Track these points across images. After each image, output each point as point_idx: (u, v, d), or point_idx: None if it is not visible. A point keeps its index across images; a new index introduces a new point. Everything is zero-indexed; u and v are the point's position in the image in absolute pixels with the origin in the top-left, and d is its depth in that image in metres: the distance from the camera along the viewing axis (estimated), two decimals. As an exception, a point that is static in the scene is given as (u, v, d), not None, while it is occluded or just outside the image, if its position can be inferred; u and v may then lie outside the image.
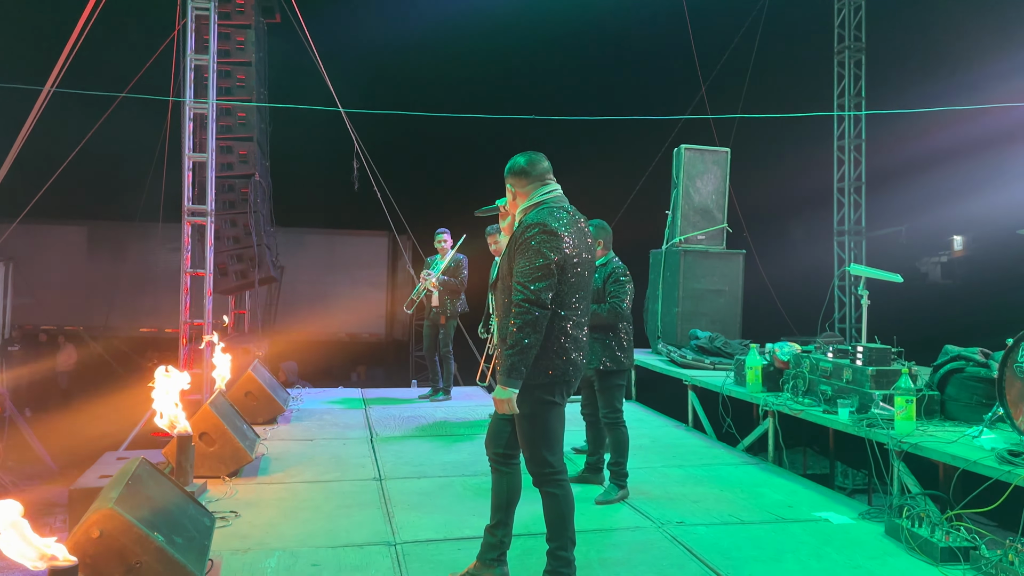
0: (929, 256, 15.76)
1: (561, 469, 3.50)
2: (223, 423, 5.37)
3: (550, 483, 3.48)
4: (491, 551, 3.63)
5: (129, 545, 3.17)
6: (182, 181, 10.24)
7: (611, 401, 5.11)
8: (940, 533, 4.03)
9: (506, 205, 3.67)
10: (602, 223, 5.29)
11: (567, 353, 3.44)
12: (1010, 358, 4.50)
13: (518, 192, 3.55)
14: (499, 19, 14.59)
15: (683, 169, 9.63)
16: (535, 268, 3.29)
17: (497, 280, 3.55)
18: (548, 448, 3.47)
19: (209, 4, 10.28)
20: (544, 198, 3.51)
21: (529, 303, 3.27)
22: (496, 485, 3.67)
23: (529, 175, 3.54)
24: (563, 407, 3.54)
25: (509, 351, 3.28)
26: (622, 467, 5.11)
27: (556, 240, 3.34)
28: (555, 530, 3.48)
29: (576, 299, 3.47)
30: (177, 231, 10.59)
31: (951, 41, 13.25)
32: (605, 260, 5.20)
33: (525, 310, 3.27)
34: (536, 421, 3.45)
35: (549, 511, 3.50)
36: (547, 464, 3.46)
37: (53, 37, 10.11)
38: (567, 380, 3.48)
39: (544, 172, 3.58)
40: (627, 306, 5.08)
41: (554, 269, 3.31)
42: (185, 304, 10.14)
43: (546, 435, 3.48)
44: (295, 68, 12.12)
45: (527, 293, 3.28)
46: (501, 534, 3.63)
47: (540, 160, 3.60)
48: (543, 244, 3.31)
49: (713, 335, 8.66)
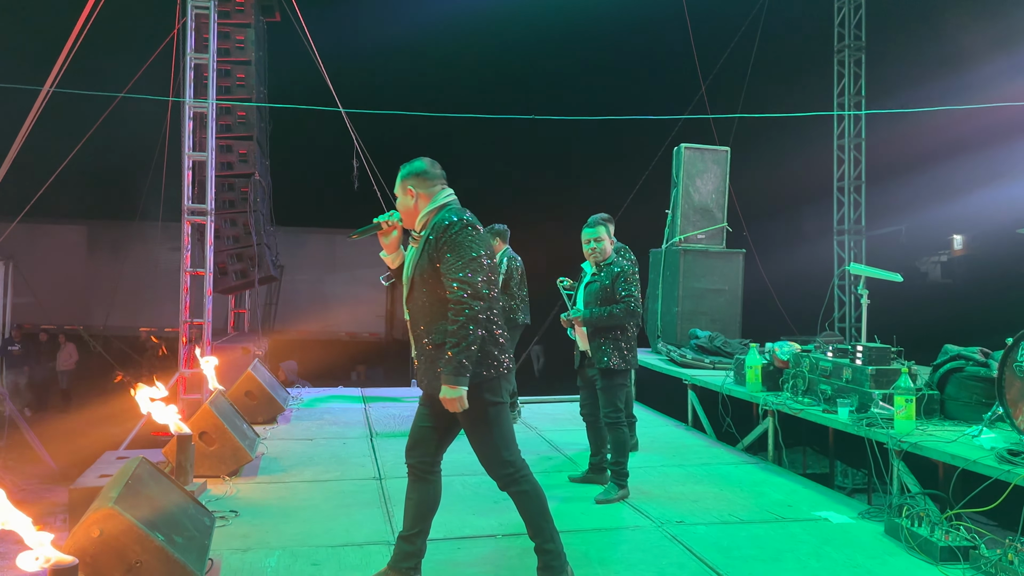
0: (929, 255, 15.77)
1: (522, 466, 3.48)
2: (223, 423, 5.37)
3: (516, 482, 3.46)
4: (408, 559, 3.57)
5: (129, 544, 3.18)
6: (182, 180, 10.24)
7: (613, 400, 5.10)
8: (940, 532, 4.03)
9: (389, 220, 3.55)
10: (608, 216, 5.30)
11: (503, 348, 3.45)
12: (1010, 357, 4.50)
13: (420, 194, 3.49)
14: (499, 19, 14.59)
15: (683, 168, 9.63)
16: (469, 261, 3.28)
17: (412, 289, 3.44)
18: (506, 448, 3.46)
19: (209, 3, 10.28)
20: (448, 200, 3.51)
21: (469, 297, 3.24)
22: (419, 494, 3.61)
23: (432, 176, 3.52)
24: (508, 405, 3.53)
25: (455, 348, 3.23)
26: (623, 466, 5.11)
27: (478, 233, 3.38)
28: (535, 526, 3.49)
29: (498, 297, 3.51)
30: (177, 230, 10.59)
31: (951, 40, 13.25)
32: (611, 260, 5.19)
33: (467, 305, 3.23)
34: (490, 424, 3.43)
35: (524, 510, 3.50)
36: (508, 465, 3.45)
37: (53, 37, 10.11)
38: (508, 377, 3.48)
39: (442, 176, 3.58)
40: (641, 305, 5.10)
41: (484, 262, 3.32)
42: (185, 303, 10.14)
43: (502, 436, 3.46)
44: (295, 67, 12.12)
45: (465, 286, 3.25)
46: (420, 543, 3.59)
47: (437, 164, 3.61)
48: (470, 237, 3.32)
49: (713, 334, 8.66)
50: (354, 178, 11.20)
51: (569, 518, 4.73)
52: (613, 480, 5.12)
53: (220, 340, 11.47)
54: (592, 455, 5.50)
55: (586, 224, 5.25)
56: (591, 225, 5.21)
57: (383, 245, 3.62)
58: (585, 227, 5.23)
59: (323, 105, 11.09)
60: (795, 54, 15.34)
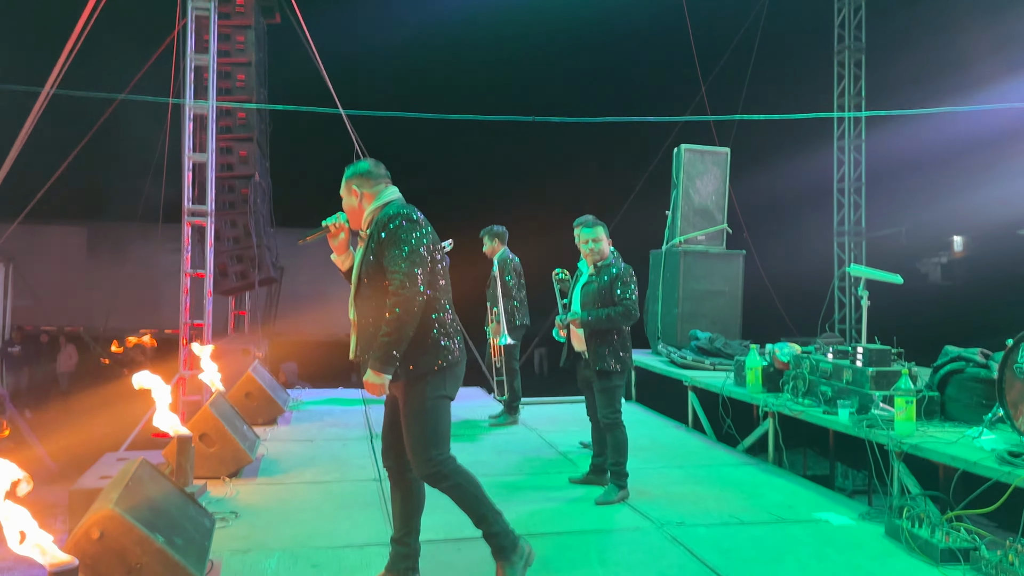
0: (929, 257, 15.78)
1: (447, 461, 3.45)
2: (223, 424, 5.37)
3: (445, 478, 3.44)
4: (404, 560, 3.58)
5: (129, 546, 3.18)
6: (182, 182, 10.24)
7: (611, 401, 5.11)
8: (940, 534, 4.03)
9: (336, 222, 3.60)
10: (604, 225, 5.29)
11: (452, 341, 3.46)
12: (1010, 359, 4.50)
13: (365, 194, 3.53)
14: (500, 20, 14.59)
15: (683, 169, 9.63)
16: (407, 255, 3.32)
17: (359, 286, 3.48)
18: (435, 446, 3.43)
19: (209, 4, 10.28)
20: (394, 197, 3.54)
21: (409, 289, 3.28)
22: (401, 495, 3.62)
23: (375, 176, 3.55)
24: (451, 400, 3.52)
25: (386, 338, 3.26)
26: (622, 467, 5.11)
27: (420, 228, 3.40)
28: (477, 515, 3.47)
29: (447, 288, 3.54)
30: (177, 232, 10.58)
31: (951, 41, 13.25)
32: (608, 261, 5.19)
33: (404, 297, 3.27)
34: (428, 418, 3.42)
35: (461, 502, 3.47)
36: (432, 463, 3.42)
37: (53, 37, 10.11)
38: (456, 372, 3.49)
39: (386, 176, 3.61)
40: (638, 307, 5.11)
41: (425, 255, 3.36)
42: (185, 305, 10.14)
43: (435, 432, 3.44)
44: (295, 69, 12.12)
45: (405, 279, 3.29)
46: (413, 542, 3.60)
47: (381, 164, 3.64)
48: (410, 232, 3.36)
49: (713, 336, 8.65)
50: (354, 179, 11.19)
51: (569, 519, 4.74)
52: (613, 481, 5.12)
53: (220, 341, 11.47)
54: (595, 455, 5.50)
55: (583, 224, 5.19)
56: (589, 225, 5.17)
57: (332, 247, 3.68)
58: (583, 227, 5.19)
59: (323, 106, 11.10)
60: (795, 55, 15.35)
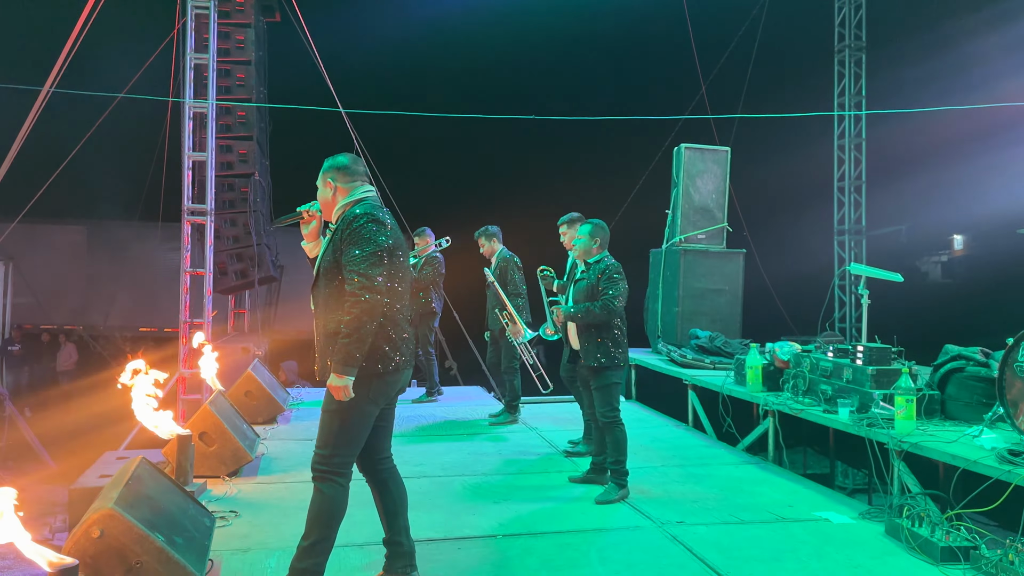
0: (929, 255, 15.77)
1: (341, 472, 3.40)
2: (223, 423, 5.37)
3: (326, 481, 3.39)
4: (400, 559, 3.58)
5: (129, 545, 3.18)
6: (182, 180, 10.23)
7: (607, 400, 5.09)
8: (940, 533, 4.03)
9: (310, 209, 3.64)
10: (601, 223, 5.30)
11: (396, 350, 3.41)
12: (1010, 358, 4.50)
13: (339, 187, 3.53)
14: (500, 19, 14.58)
15: (683, 168, 9.63)
16: (369, 255, 3.30)
17: (317, 278, 3.49)
18: (336, 446, 3.39)
19: (209, 3, 10.27)
20: (365, 195, 3.53)
21: (366, 289, 3.26)
22: (379, 495, 3.62)
23: (352, 171, 3.56)
24: (376, 409, 3.46)
25: (346, 339, 3.24)
26: (622, 466, 5.11)
27: (384, 229, 3.40)
28: (312, 533, 3.37)
29: (404, 291, 3.51)
30: (177, 230, 10.58)
31: (951, 40, 13.24)
32: (599, 258, 5.21)
33: (362, 298, 3.25)
34: (341, 416, 3.38)
35: (314, 507, 3.40)
36: (326, 463, 3.39)
37: (53, 37, 10.10)
38: (389, 381, 3.43)
39: (363, 173, 3.62)
40: (620, 303, 5.07)
41: (385, 256, 3.34)
42: (185, 303, 10.13)
43: (344, 433, 3.39)
44: (295, 67, 12.12)
45: (363, 280, 3.27)
46: (404, 540, 3.60)
47: (360, 161, 3.65)
48: (374, 232, 3.34)
49: (713, 334, 8.65)
50: (354, 178, 11.19)
51: (570, 518, 4.74)
52: (613, 480, 5.12)
53: (220, 340, 11.47)
54: (595, 454, 5.50)
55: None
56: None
57: (303, 234, 3.72)
58: (581, 226, 5.32)
59: (323, 105, 11.09)
60: (795, 54, 15.33)
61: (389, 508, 3.60)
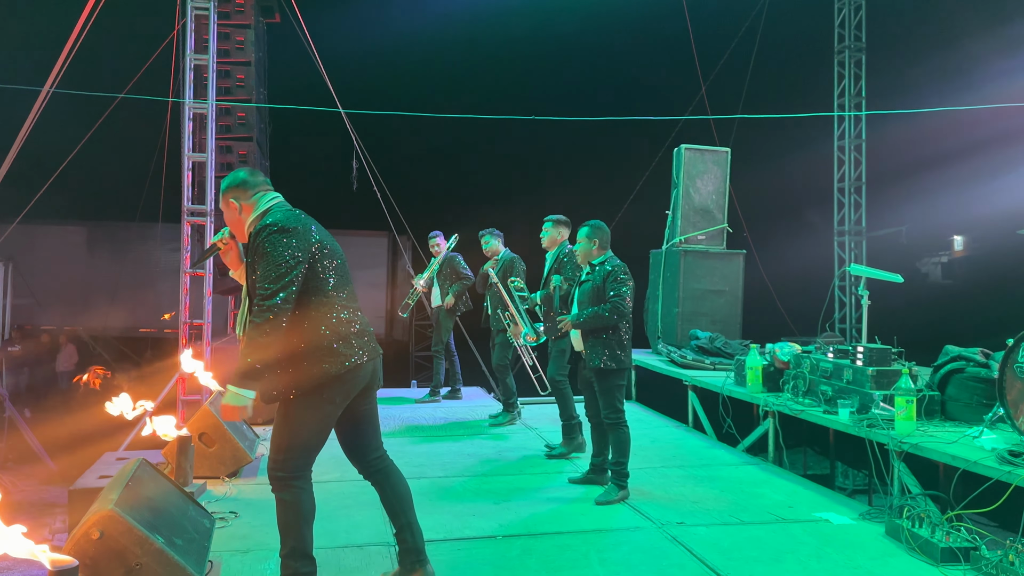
0: (929, 256, 15.74)
1: (300, 475, 3.35)
2: (222, 424, 5.37)
3: (285, 488, 3.33)
4: (409, 555, 3.57)
5: (129, 546, 3.17)
6: (181, 181, 10.23)
7: (612, 401, 5.09)
8: (940, 533, 4.03)
9: (223, 238, 3.52)
10: (599, 223, 5.28)
11: (347, 345, 3.32)
12: (1010, 358, 4.50)
13: (244, 205, 3.41)
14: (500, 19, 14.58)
15: (683, 169, 9.63)
16: (270, 270, 3.18)
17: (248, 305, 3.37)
18: (290, 451, 3.32)
19: (208, 4, 10.27)
20: (272, 203, 3.41)
21: (268, 304, 3.14)
22: (380, 493, 3.60)
23: (251, 185, 3.43)
24: (336, 410, 3.38)
25: (248, 358, 3.14)
26: (623, 467, 5.11)
27: (291, 235, 3.24)
28: (288, 539, 3.35)
29: (341, 288, 3.39)
30: (177, 231, 10.57)
31: (952, 41, 13.24)
32: (603, 259, 5.19)
33: (266, 308, 3.14)
34: (302, 421, 3.32)
35: (280, 516, 3.36)
36: (282, 467, 3.33)
37: (53, 37, 10.09)
38: (347, 378, 3.32)
39: (264, 182, 3.49)
40: (629, 304, 5.05)
41: (292, 266, 3.19)
42: (185, 304, 10.13)
43: (297, 438, 3.33)
44: (295, 68, 12.11)
45: (265, 294, 3.16)
46: (410, 536, 3.56)
47: (258, 172, 3.55)
48: (277, 244, 3.21)
49: (713, 335, 8.65)
50: (354, 179, 11.19)
51: (570, 519, 4.74)
52: (613, 481, 5.11)
53: (220, 340, 11.46)
54: (594, 455, 5.49)
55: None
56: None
57: (227, 264, 3.60)
58: (580, 229, 5.28)
59: (323, 106, 11.09)
60: (795, 55, 15.32)
61: (389, 505, 3.59)
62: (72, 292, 16.31)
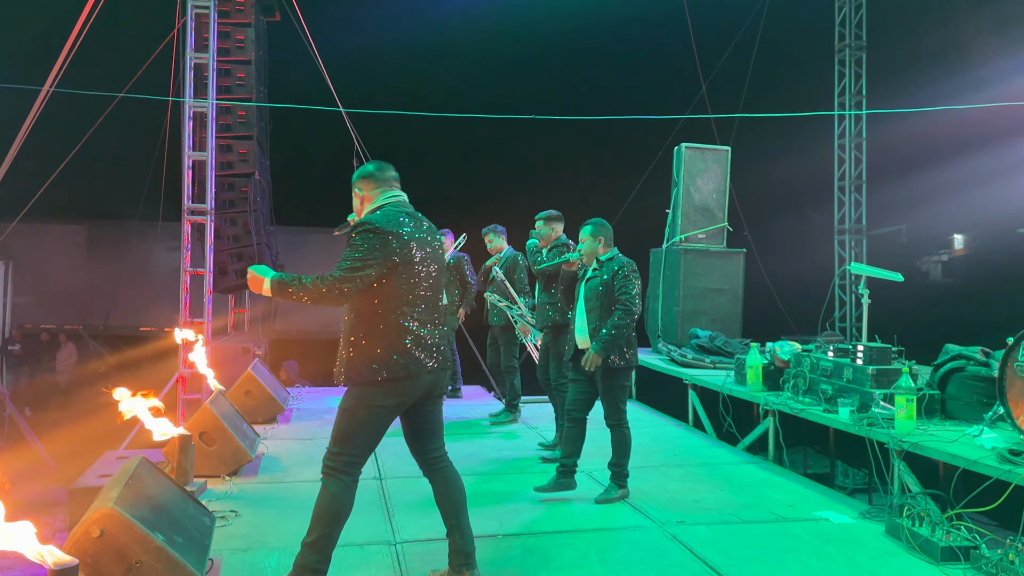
0: (930, 255, 15.73)
1: (347, 471, 3.43)
2: (223, 422, 5.37)
3: (330, 478, 3.44)
4: (456, 557, 3.60)
5: (129, 544, 3.17)
6: (182, 180, 10.23)
7: (615, 402, 5.02)
8: (940, 532, 4.03)
9: (350, 220, 3.67)
10: (601, 220, 5.25)
11: (407, 355, 3.41)
12: (1011, 357, 4.50)
13: (365, 196, 3.60)
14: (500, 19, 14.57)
15: (684, 168, 9.63)
16: (347, 259, 3.34)
17: None
18: (342, 445, 3.44)
19: (209, 2, 10.27)
20: (388, 201, 3.56)
21: (331, 279, 3.30)
22: (437, 491, 3.65)
23: (376, 179, 3.60)
24: (391, 413, 3.48)
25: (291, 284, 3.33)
26: (623, 468, 5.08)
27: (377, 237, 3.37)
28: (315, 531, 3.40)
29: (420, 300, 3.49)
30: (177, 230, 10.58)
31: (952, 39, 13.23)
32: (610, 255, 5.11)
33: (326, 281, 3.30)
34: (355, 416, 3.44)
35: (318, 503, 3.43)
36: (335, 459, 3.43)
37: (53, 37, 10.09)
38: (405, 386, 3.43)
39: (392, 179, 3.65)
40: (639, 304, 4.97)
41: (366, 264, 3.32)
42: (185, 303, 10.14)
43: (350, 434, 3.44)
44: (295, 67, 12.11)
45: (335, 272, 3.32)
46: (458, 538, 3.59)
47: (388, 168, 3.68)
48: (364, 241, 3.36)
49: (713, 334, 8.65)
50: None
51: (570, 518, 4.74)
52: (613, 480, 5.10)
53: (220, 340, 11.47)
54: (565, 456, 5.12)
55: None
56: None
57: None
58: (582, 228, 5.20)
59: (323, 105, 11.08)
60: (795, 54, 15.32)
61: (441, 505, 3.65)
62: (72, 291, 16.31)
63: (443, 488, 3.65)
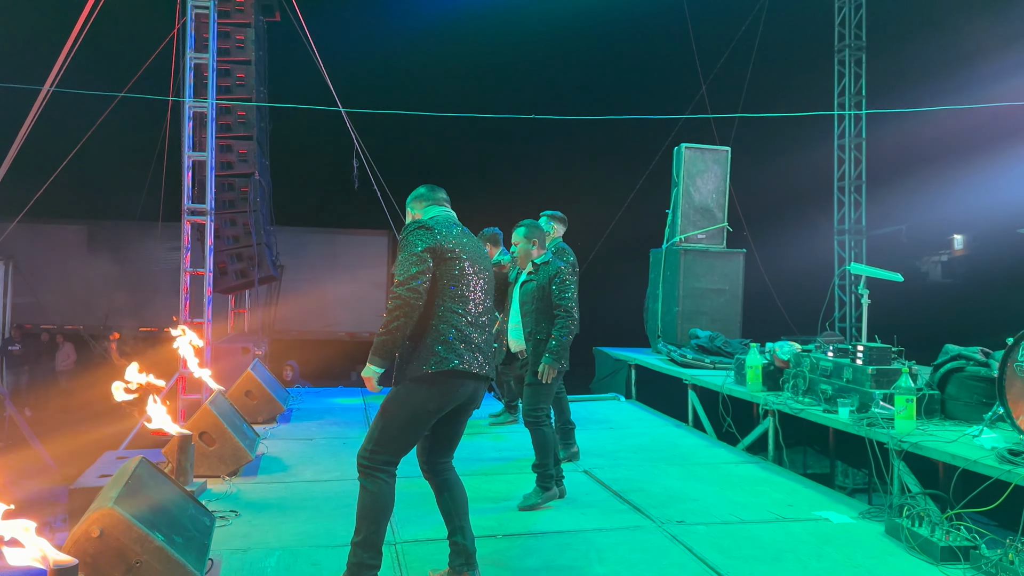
0: (929, 255, 15.75)
1: (384, 469, 3.46)
2: (223, 422, 5.37)
3: (368, 476, 3.46)
4: (457, 557, 3.62)
5: (129, 544, 3.17)
6: (182, 180, 10.23)
7: (536, 400, 4.89)
8: (940, 532, 4.03)
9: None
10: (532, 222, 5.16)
11: (450, 348, 3.45)
12: (1010, 357, 4.50)
13: (416, 214, 3.74)
14: (500, 18, 14.58)
15: (683, 168, 9.63)
16: (406, 257, 3.45)
17: None
18: (381, 444, 3.45)
19: (209, 3, 10.27)
20: (436, 214, 3.68)
21: (400, 286, 3.39)
22: (439, 493, 3.67)
23: (427, 199, 3.76)
24: (431, 417, 3.49)
25: (380, 332, 3.42)
26: (547, 468, 4.89)
27: (428, 233, 3.50)
28: (362, 529, 3.43)
29: (468, 298, 3.55)
30: (177, 230, 10.58)
31: (952, 39, 13.24)
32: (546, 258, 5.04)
33: (396, 295, 3.40)
34: (397, 416, 3.47)
35: (360, 503, 3.45)
36: (370, 458, 3.45)
37: (53, 37, 10.09)
38: (450, 385, 3.46)
39: (442, 199, 3.79)
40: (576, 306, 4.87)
41: (426, 257, 3.44)
42: (185, 303, 10.13)
43: (389, 434, 3.46)
44: (295, 67, 12.10)
45: (399, 278, 3.41)
46: (459, 540, 3.61)
47: (439, 189, 3.82)
48: (414, 236, 3.49)
49: (713, 334, 8.65)
50: (354, 178, 11.19)
51: (570, 518, 4.73)
52: (538, 483, 4.91)
53: (220, 340, 11.47)
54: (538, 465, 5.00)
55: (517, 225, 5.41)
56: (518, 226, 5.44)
57: None
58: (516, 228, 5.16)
59: (323, 105, 11.08)
60: (795, 54, 15.32)
61: (444, 508, 3.68)
62: (72, 290, 16.31)
63: (448, 492, 3.67)
